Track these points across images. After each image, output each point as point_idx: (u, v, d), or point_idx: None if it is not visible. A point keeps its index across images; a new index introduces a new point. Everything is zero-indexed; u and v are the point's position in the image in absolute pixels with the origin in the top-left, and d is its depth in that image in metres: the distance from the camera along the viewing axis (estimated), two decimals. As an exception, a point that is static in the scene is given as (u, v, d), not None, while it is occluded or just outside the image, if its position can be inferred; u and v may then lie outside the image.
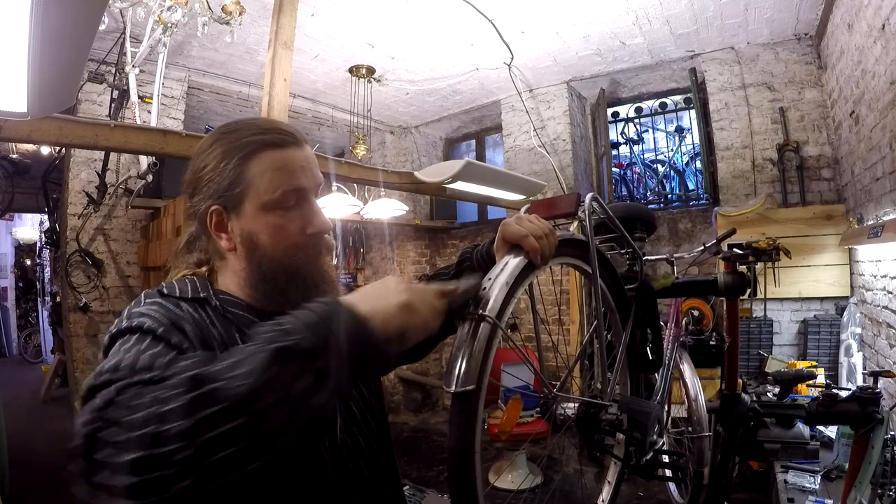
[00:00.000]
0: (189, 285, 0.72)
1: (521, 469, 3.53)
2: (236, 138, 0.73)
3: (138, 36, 2.98)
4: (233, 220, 0.73)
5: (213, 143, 0.74)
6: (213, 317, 0.70)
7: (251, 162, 0.71)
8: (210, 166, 0.73)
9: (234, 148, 0.72)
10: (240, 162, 0.71)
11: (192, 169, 0.76)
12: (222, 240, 0.74)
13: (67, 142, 1.82)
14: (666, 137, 4.67)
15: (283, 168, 0.73)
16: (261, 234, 0.72)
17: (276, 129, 0.75)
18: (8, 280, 9.29)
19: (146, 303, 0.67)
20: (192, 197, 0.75)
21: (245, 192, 0.71)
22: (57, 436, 4.27)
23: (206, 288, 0.74)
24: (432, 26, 3.34)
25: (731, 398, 1.86)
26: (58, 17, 0.83)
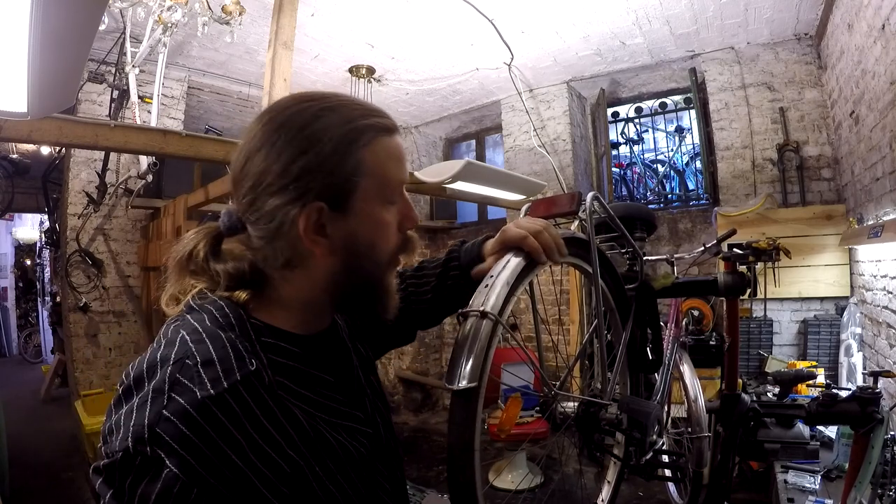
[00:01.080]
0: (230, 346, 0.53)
1: (521, 469, 3.53)
2: (340, 122, 0.59)
3: (138, 36, 2.98)
4: (334, 220, 0.59)
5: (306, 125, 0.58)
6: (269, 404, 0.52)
7: (368, 150, 0.60)
8: (305, 156, 0.57)
9: (344, 133, 0.59)
10: (354, 152, 0.59)
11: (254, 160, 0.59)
12: (318, 246, 0.59)
13: (67, 142, 1.82)
14: (666, 137, 4.67)
15: (397, 157, 0.64)
16: (367, 234, 0.61)
17: (382, 112, 0.64)
18: (8, 280, 9.29)
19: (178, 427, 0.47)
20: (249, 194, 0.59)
21: (358, 186, 0.59)
22: (57, 436, 4.27)
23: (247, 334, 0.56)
24: (432, 26, 3.34)
25: (731, 398, 1.86)
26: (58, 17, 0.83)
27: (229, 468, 0.47)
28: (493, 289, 0.75)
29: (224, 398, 0.49)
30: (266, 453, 0.50)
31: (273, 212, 0.58)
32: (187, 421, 0.46)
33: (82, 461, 3.36)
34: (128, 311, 3.52)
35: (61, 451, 3.89)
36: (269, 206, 0.58)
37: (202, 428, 0.47)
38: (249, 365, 0.52)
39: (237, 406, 0.49)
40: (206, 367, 0.50)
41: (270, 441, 0.51)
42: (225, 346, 0.52)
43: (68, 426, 4.09)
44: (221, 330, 0.54)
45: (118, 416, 0.50)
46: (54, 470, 3.60)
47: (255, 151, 0.59)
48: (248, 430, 0.49)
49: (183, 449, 0.46)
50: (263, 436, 0.51)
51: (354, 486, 0.61)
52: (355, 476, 0.61)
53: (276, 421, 0.52)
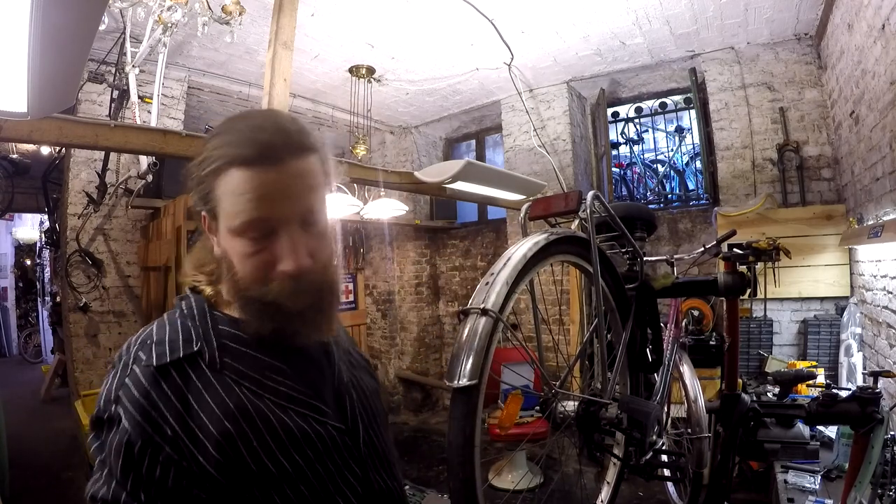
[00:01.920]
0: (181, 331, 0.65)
1: (521, 469, 3.53)
2: (217, 144, 0.64)
3: (138, 36, 2.98)
4: (216, 230, 0.67)
5: (212, 138, 0.66)
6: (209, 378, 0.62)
7: (219, 178, 0.63)
8: (198, 165, 0.66)
9: (210, 157, 0.64)
10: (210, 174, 0.64)
11: (197, 156, 0.68)
12: (214, 245, 0.69)
13: (67, 142, 1.82)
14: (666, 137, 4.67)
15: (247, 193, 0.62)
16: (231, 256, 0.66)
17: (256, 140, 0.63)
18: (8, 280, 9.29)
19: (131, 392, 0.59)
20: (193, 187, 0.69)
21: (217, 209, 0.65)
22: (57, 436, 4.27)
23: (204, 323, 0.66)
24: (432, 26, 3.34)
25: (731, 398, 1.86)
26: (58, 17, 0.83)
27: (168, 427, 0.58)
28: (493, 286, 0.75)
29: (167, 369, 0.61)
30: (200, 417, 0.60)
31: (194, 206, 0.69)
32: (136, 385, 0.59)
33: (82, 461, 3.36)
34: (128, 311, 3.51)
35: (61, 451, 3.89)
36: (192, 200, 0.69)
37: (147, 391, 0.59)
38: (194, 346, 0.63)
39: (178, 376, 0.61)
40: (158, 345, 0.62)
41: (205, 408, 0.60)
42: (177, 330, 0.65)
43: (68, 426, 4.09)
44: (182, 318, 0.67)
45: (102, 384, 0.62)
46: (54, 470, 3.60)
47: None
48: (185, 396, 0.60)
49: (132, 407, 0.58)
50: (199, 403, 0.60)
51: (297, 466, 0.64)
52: (301, 457, 0.64)
53: (213, 392, 0.61)
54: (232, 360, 0.65)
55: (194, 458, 0.58)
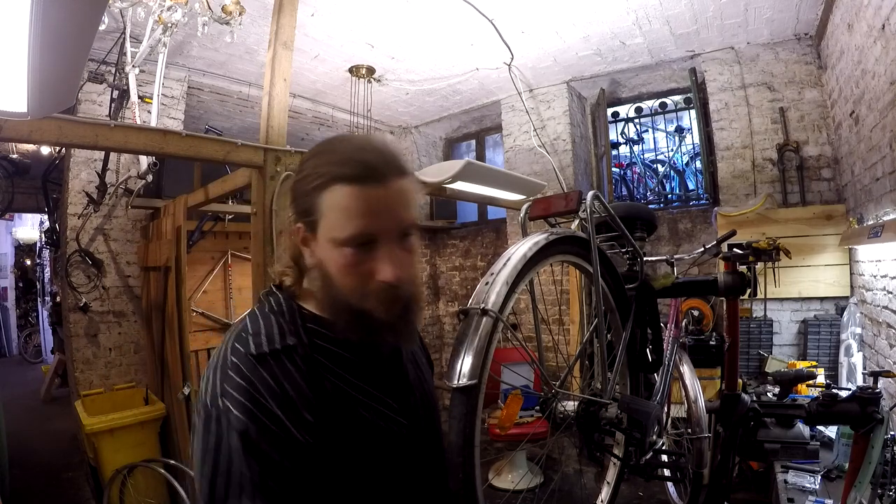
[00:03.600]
0: (276, 325, 0.71)
1: (521, 469, 3.53)
2: (319, 163, 0.71)
3: (138, 36, 2.98)
4: (312, 241, 0.72)
5: (311, 158, 0.73)
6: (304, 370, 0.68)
7: (324, 193, 0.69)
8: (300, 182, 0.73)
9: (314, 174, 0.70)
10: (314, 191, 0.69)
11: (297, 173, 0.75)
12: (307, 255, 0.74)
13: (67, 142, 1.82)
14: (666, 137, 4.67)
15: (353, 208, 0.68)
16: (330, 266, 0.70)
17: (360, 160, 0.69)
18: (8, 280, 9.29)
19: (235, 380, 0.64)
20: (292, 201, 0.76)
21: (318, 221, 0.70)
22: (57, 436, 4.27)
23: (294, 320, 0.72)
24: (432, 26, 3.34)
25: (731, 398, 1.86)
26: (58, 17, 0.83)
27: (272, 407, 0.63)
28: (493, 286, 0.75)
29: (265, 357, 0.66)
30: (295, 404, 0.65)
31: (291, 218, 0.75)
32: (238, 373, 0.64)
33: (82, 461, 3.36)
34: (128, 311, 3.51)
35: (61, 451, 3.89)
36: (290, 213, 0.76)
37: (249, 377, 0.64)
38: (288, 340, 0.69)
39: (275, 366, 0.66)
40: (255, 337, 0.68)
41: (300, 395, 0.66)
42: (272, 324, 0.71)
43: (68, 426, 4.09)
44: (273, 315, 0.73)
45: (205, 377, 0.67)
46: (54, 470, 3.60)
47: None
48: (283, 383, 0.65)
49: (238, 394, 0.63)
50: (295, 390, 0.66)
51: (372, 456, 0.71)
52: (375, 449, 0.72)
53: (307, 382, 0.67)
54: (320, 355, 0.71)
55: (291, 439, 0.63)
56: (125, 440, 2.80)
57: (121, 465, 2.67)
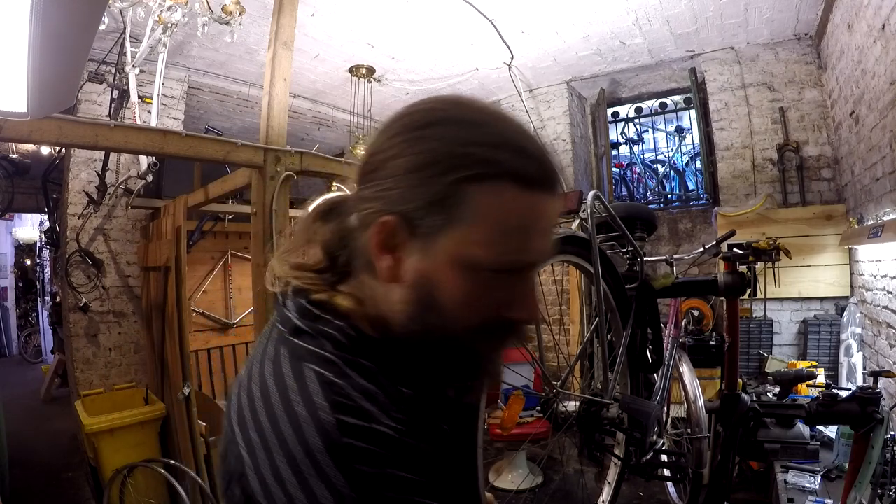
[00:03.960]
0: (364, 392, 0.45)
1: (521, 469, 3.53)
2: (465, 137, 0.47)
3: (138, 36, 2.98)
4: (412, 247, 0.47)
5: (429, 125, 0.48)
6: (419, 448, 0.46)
7: (476, 189, 0.45)
8: (406, 159, 0.47)
9: (455, 153, 0.46)
10: (459, 182, 0.45)
11: (376, 145, 0.50)
12: (382, 262, 0.48)
13: (67, 142, 1.82)
14: (666, 137, 4.67)
15: (525, 223, 0.47)
16: (446, 291, 0.47)
17: (536, 153, 0.48)
18: (8, 280, 9.28)
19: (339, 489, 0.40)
20: (363, 182, 0.51)
21: (449, 225, 0.46)
22: (57, 436, 4.27)
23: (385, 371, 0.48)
24: (432, 26, 3.34)
25: (731, 398, 1.86)
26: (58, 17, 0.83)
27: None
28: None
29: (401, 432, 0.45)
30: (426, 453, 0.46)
31: (359, 203, 0.51)
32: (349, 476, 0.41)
33: (82, 461, 3.36)
34: (128, 311, 3.51)
35: (61, 451, 3.89)
36: (361, 194, 0.51)
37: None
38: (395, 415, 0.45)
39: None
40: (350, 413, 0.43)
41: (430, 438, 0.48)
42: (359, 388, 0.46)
43: (68, 426, 4.09)
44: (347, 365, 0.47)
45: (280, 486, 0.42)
46: (54, 470, 3.60)
47: (379, 132, 0.51)
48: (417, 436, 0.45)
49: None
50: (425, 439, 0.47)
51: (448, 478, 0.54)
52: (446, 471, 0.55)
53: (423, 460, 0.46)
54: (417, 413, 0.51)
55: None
56: (125, 440, 2.80)
57: (121, 465, 2.67)
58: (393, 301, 0.50)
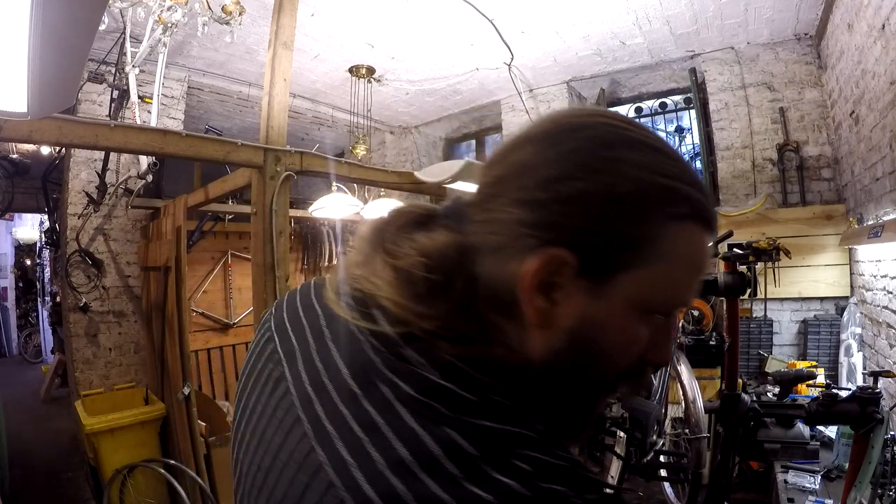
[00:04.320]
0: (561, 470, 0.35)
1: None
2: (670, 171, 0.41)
3: (138, 36, 2.98)
4: (577, 287, 0.40)
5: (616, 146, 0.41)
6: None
7: (676, 228, 0.41)
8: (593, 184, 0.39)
9: (665, 188, 0.41)
10: (660, 219, 0.40)
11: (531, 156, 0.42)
12: (534, 303, 0.40)
13: (67, 142, 1.82)
14: (666, 137, 4.67)
15: (700, 266, 0.44)
16: (610, 336, 0.42)
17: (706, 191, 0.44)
18: (8, 280, 9.28)
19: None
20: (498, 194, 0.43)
21: (633, 266, 0.40)
22: (57, 436, 4.27)
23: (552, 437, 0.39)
24: (432, 26, 3.34)
25: (731, 398, 1.86)
26: (58, 17, 0.83)
27: None
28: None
29: None
30: None
31: (506, 225, 0.41)
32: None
33: (82, 461, 3.36)
34: (128, 311, 3.52)
35: (61, 451, 3.89)
36: (505, 214, 0.41)
37: None
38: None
39: None
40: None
41: None
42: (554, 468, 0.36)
43: (68, 426, 4.09)
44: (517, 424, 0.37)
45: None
46: (54, 470, 3.60)
47: (527, 141, 0.44)
48: None
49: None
50: None
51: None
52: None
53: None
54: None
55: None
56: (125, 440, 2.80)
57: (121, 465, 2.67)
58: (534, 348, 0.42)
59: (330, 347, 0.44)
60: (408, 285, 0.42)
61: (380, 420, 0.37)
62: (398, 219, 0.48)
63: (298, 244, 4.98)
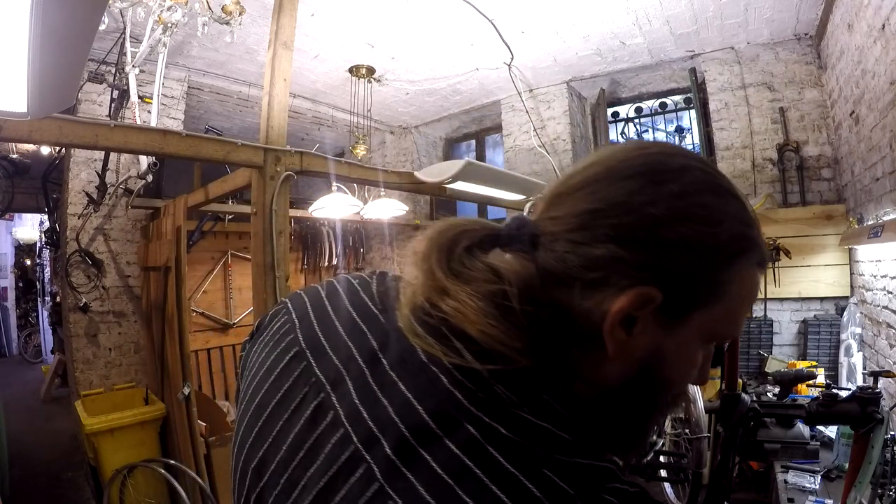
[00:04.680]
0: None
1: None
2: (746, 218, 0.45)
3: (138, 36, 2.98)
4: (653, 324, 0.41)
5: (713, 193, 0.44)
6: None
7: (744, 270, 0.44)
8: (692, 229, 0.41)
9: (744, 237, 0.44)
10: (729, 259, 0.43)
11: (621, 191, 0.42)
12: (615, 336, 0.41)
13: (67, 142, 1.82)
14: (666, 137, 4.67)
15: (754, 299, 0.48)
16: (671, 365, 0.44)
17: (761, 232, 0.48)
18: (8, 280, 9.29)
19: None
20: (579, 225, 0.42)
21: (706, 304, 0.42)
22: (57, 436, 4.27)
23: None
24: (432, 26, 3.34)
25: (731, 398, 1.86)
26: (58, 17, 0.83)
27: None
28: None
29: None
30: None
31: (602, 260, 0.40)
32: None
33: (82, 461, 3.36)
34: (128, 311, 3.51)
35: (61, 451, 3.89)
36: (602, 249, 0.40)
37: None
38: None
39: None
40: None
41: None
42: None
43: (68, 426, 4.09)
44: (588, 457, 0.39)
45: None
46: (54, 470, 3.60)
47: (624, 175, 0.43)
48: None
49: None
50: None
51: None
52: None
53: None
54: None
55: None
56: (125, 440, 2.80)
57: (121, 465, 2.67)
58: (608, 379, 0.43)
59: (393, 378, 0.42)
60: (500, 315, 0.40)
61: (469, 463, 0.35)
62: (462, 237, 0.44)
63: (298, 244, 4.99)
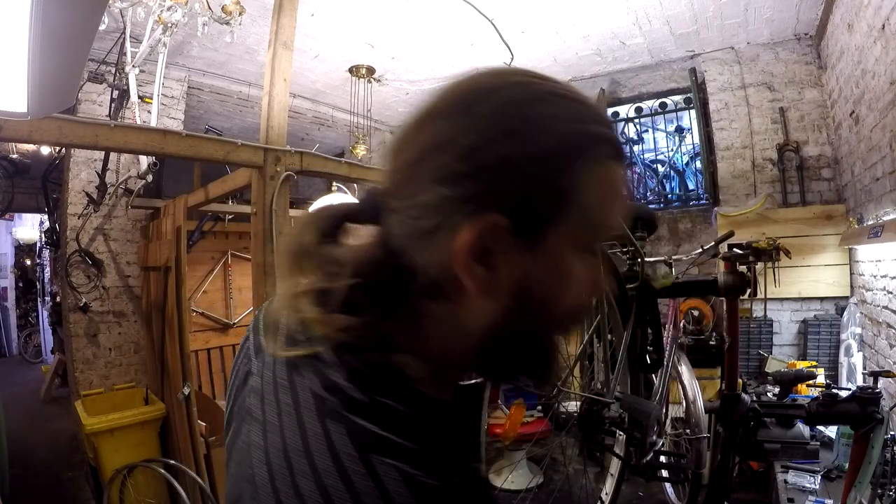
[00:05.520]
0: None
1: (521, 469, 3.53)
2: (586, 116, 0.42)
3: (138, 36, 2.98)
4: (515, 248, 0.40)
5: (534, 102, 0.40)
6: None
7: (599, 170, 0.41)
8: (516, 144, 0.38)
9: (585, 135, 0.41)
10: (584, 165, 0.40)
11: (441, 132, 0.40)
12: (473, 274, 0.39)
13: (67, 142, 1.82)
14: (666, 137, 4.66)
15: (619, 195, 0.44)
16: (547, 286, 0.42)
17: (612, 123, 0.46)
18: (8, 280, 9.28)
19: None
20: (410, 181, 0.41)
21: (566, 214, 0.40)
22: (57, 436, 4.27)
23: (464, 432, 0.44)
24: (432, 26, 3.34)
25: (731, 398, 1.86)
26: (58, 17, 0.83)
27: None
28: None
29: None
30: None
31: (431, 205, 0.39)
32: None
33: (82, 461, 3.36)
34: (128, 311, 3.51)
35: (61, 451, 3.89)
36: (427, 195, 0.39)
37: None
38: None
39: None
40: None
41: None
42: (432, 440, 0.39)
43: (68, 426, 4.09)
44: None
45: None
46: (54, 470, 3.60)
47: (436, 116, 0.41)
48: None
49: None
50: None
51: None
52: None
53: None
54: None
55: None
56: (125, 440, 2.80)
57: (121, 465, 2.67)
58: (478, 317, 0.41)
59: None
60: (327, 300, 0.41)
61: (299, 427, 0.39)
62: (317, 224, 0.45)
63: (298, 244, 4.97)
